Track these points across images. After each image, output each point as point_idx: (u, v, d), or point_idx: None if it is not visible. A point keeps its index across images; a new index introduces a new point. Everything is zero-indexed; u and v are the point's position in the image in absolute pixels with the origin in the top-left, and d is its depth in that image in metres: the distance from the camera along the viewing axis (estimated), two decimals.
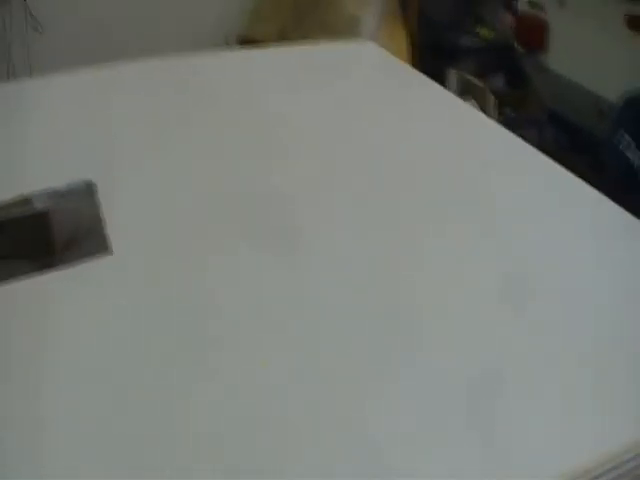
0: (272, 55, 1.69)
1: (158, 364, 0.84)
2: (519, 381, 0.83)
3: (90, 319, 0.90)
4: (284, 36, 2.74)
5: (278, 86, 1.52)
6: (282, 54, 1.70)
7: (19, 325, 0.90)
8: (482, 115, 1.50)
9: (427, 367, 0.84)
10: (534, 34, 2.66)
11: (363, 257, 1.03)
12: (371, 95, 1.52)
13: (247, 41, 3.00)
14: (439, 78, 1.64)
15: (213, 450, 0.73)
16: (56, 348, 0.86)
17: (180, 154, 1.26)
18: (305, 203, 1.15)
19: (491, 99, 2.61)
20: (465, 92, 1.80)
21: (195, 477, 0.71)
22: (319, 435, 0.75)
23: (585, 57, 2.36)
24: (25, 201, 1.16)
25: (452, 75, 2.89)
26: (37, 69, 2.96)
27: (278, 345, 0.87)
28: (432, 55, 2.97)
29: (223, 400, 0.79)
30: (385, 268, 1.01)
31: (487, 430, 0.76)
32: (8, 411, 0.76)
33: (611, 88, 2.19)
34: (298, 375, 0.82)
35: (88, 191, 1.15)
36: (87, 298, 0.94)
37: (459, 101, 1.53)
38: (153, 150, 1.27)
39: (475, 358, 0.85)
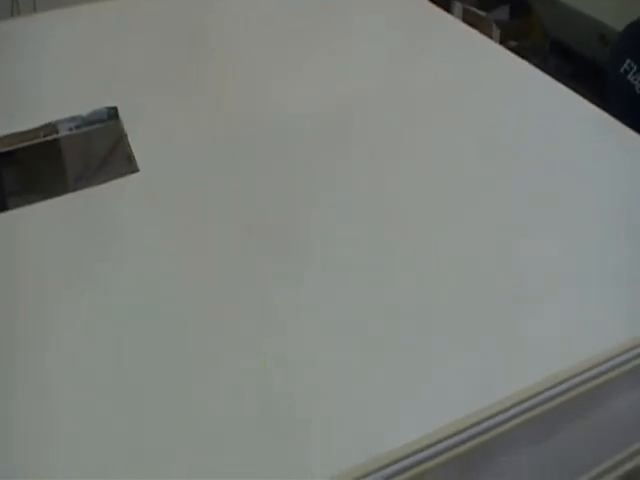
0: None
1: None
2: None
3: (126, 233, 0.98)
4: None
5: (286, 13, 1.56)
6: None
7: (50, 239, 0.97)
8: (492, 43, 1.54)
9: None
10: None
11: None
12: (384, 23, 1.54)
13: None
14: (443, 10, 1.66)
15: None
16: (96, 259, 0.93)
17: (195, 79, 1.31)
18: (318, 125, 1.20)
19: (495, 31, 2.61)
20: (470, 24, 1.82)
21: None
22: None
23: None
24: (51, 128, 1.21)
25: (457, 7, 2.88)
26: (41, 6, 2.94)
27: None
28: None
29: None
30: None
31: None
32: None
33: (614, 16, 2.19)
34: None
35: (112, 116, 1.21)
36: (118, 214, 1.01)
37: (469, 29, 1.56)
38: (168, 76, 1.32)
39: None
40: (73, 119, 1.21)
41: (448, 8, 2.76)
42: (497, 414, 0.74)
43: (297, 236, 0.97)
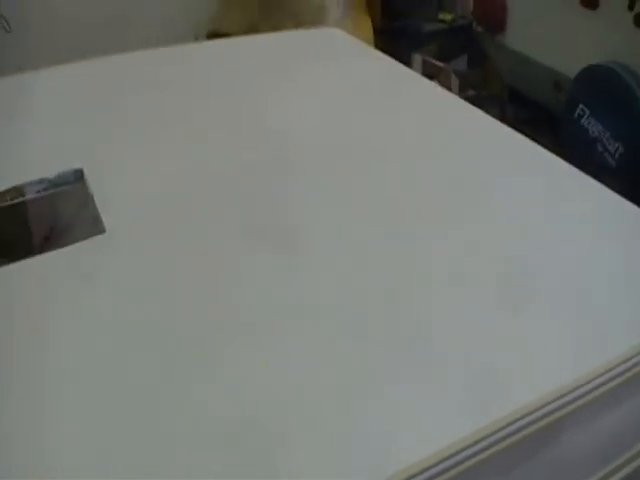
0: (243, 44, 1.75)
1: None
2: None
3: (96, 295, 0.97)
4: (253, 29, 2.79)
5: (251, 72, 1.59)
6: (251, 43, 1.77)
7: (17, 308, 0.94)
8: (447, 92, 1.59)
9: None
10: (494, 15, 2.74)
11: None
12: (338, 76, 1.58)
13: (216, 35, 3.06)
14: (404, 63, 1.72)
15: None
16: (66, 319, 0.91)
17: (164, 140, 1.33)
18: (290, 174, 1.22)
19: (454, 81, 2.71)
20: (429, 75, 1.88)
21: None
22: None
23: (542, 35, 2.45)
24: (18, 191, 1.21)
25: (416, 59, 2.98)
26: (6, 69, 2.96)
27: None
28: (396, 41, 3.05)
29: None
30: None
31: None
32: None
33: (568, 64, 2.28)
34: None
35: (78, 178, 1.22)
36: (85, 278, 1.01)
37: (423, 79, 1.61)
38: (137, 137, 1.33)
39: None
40: (40, 182, 1.21)
41: (407, 60, 2.86)
42: (468, 447, 0.74)
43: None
